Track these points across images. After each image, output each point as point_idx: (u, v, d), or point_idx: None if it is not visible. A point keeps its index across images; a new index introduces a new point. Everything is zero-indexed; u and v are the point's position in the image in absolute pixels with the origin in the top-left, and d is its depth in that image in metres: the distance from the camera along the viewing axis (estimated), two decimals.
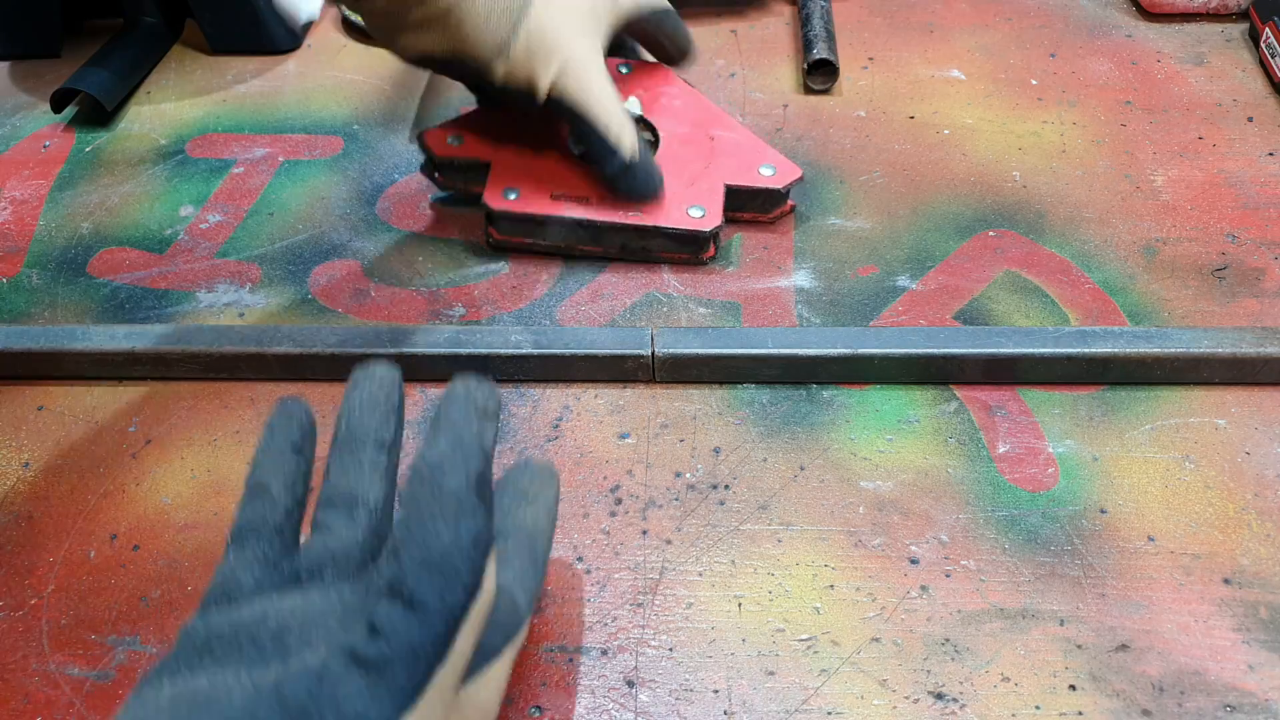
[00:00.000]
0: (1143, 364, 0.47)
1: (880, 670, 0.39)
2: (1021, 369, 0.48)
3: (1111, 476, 0.45)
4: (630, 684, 0.39)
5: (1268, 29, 0.66)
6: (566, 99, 0.51)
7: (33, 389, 0.51)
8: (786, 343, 0.48)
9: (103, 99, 0.66)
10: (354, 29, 0.75)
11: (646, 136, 0.57)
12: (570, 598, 0.41)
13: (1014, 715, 0.37)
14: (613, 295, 0.54)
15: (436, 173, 0.58)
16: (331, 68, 0.72)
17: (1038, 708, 0.37)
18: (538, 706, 0.38)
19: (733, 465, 0.46)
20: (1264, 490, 0.44)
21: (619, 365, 0.49)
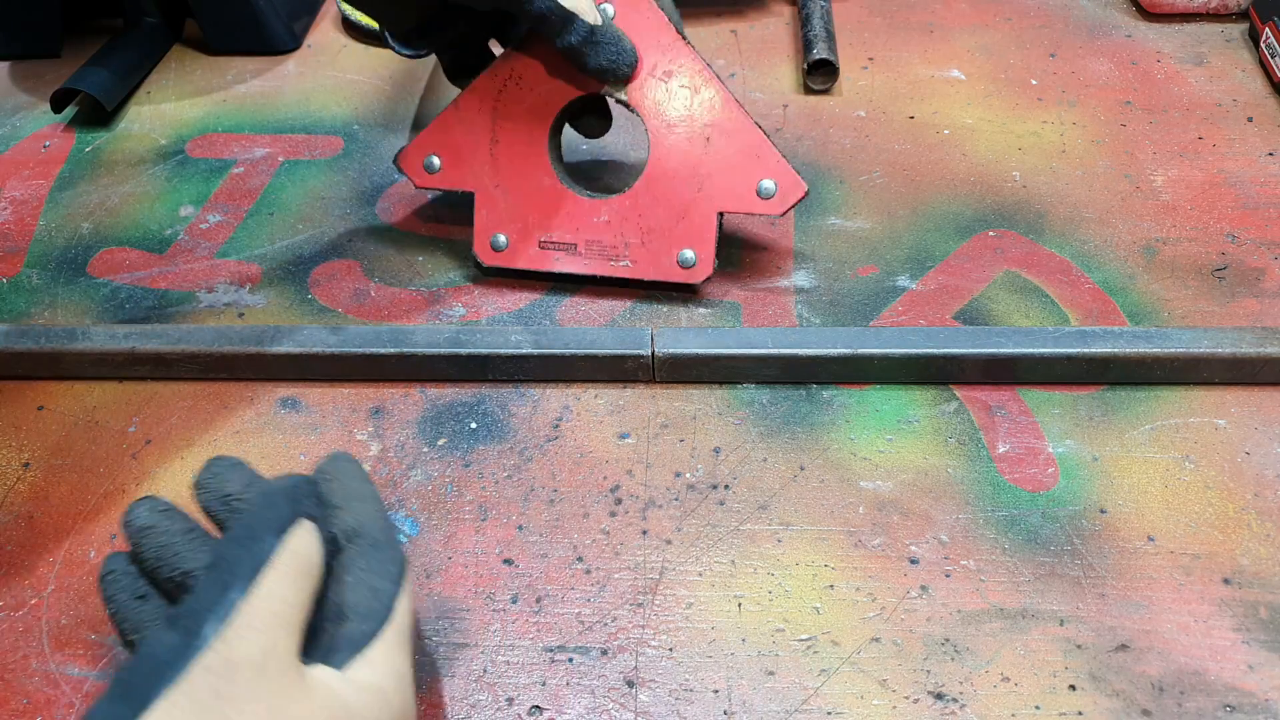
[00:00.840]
0: (1143, 364, 0.47)
1: (880, 670, 0.39)
2: (1021, 369, 0.48)
3: (1111, 476, 0.45)
4: (630, 684, 0.39)
5: (1268, 29, 0.66)
6: None
7: (33, 389, 0.51)
8: (786, 343, 0.48)
9: (103, 99, 0.66)
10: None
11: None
12: (570, 598, 0.41)
13: (1014, 715, 0.37)
14: (613, 295, 0.54)
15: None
16: (331, 68, 0.72)
17: (1038, 708, 0.37)
18: (538, 707, 0.38)
19: (733, 465, 0.46)
20: (1264, 490, 0.44)
21: (619, 365, 0.49)
